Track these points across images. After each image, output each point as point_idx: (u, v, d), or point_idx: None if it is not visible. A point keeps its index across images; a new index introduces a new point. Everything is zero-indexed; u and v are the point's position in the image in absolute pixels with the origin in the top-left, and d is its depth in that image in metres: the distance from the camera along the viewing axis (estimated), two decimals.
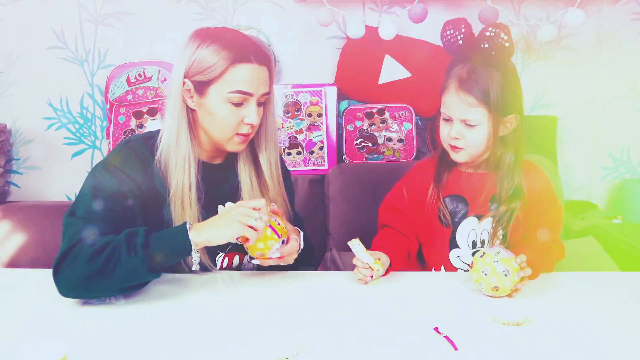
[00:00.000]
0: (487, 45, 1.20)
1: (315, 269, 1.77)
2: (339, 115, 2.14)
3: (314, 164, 2.10)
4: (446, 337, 0.88)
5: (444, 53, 1.26)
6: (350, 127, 2.13)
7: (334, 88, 2.09)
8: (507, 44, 1.19)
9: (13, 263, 1.93)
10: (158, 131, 1.19)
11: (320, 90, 2.08)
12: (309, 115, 2.08)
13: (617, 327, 0.95)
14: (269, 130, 1.23)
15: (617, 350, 0.87)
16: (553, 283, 1.16)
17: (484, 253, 1.08)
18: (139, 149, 1.16)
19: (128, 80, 2.12)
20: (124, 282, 1.01)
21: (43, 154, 2.31)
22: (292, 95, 2.07)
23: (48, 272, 1.18)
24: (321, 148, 2.10)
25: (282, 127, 2.08)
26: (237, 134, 1.15)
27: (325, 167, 2.10)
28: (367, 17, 2.21)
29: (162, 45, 2.24)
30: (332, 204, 1.97)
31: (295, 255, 1.16)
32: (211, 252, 1.19)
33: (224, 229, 1.04)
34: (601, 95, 2.25)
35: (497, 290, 1.05)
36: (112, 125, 2.11)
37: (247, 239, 1.07)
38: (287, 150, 2.09)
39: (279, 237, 1.10)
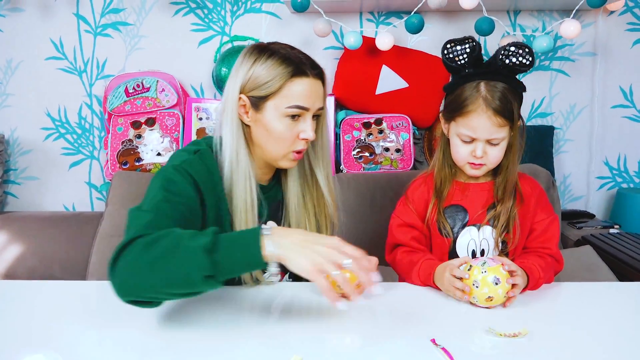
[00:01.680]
0: (508, 62, 1.18)
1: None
2: (336, 125, 2.15)
3: None
4: (443, 349, 0.88)
5: (441, 64, 1.26)
6: (347, 137, 2.13)
7: (332, 98, 2.10)
8: (527, 62, 1.18)
9: (10, 274, 1.93)
10: (212, 139, 1.17)
11: None
12: None
13: (614, 337, 0.95)
14: (324, 145, 1.22)
15: None
16: (550, 293, 1.16)
17: (470, 266, 1.08)
18: (209, 161, 1.14)
19: (126, 90, 2.13)
20: (176, 284, 0.90)
21: (41, 164, 2.32)
22: None
23: (45, 283, 1.19)
24: None
25: None
26: (293, 150, 1.15)
27: None
28: (364, 28, 2.23)
29: (160, 56, 2.26)
30: None
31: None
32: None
33: (299, 261, 0.90)
34: (597, 105, 2.26)
35: (491, 300, 1.05)
36: (110, 136, 2.12)
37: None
38: None
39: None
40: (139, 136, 2.11)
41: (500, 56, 1.17)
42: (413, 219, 1.31)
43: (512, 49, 1.17)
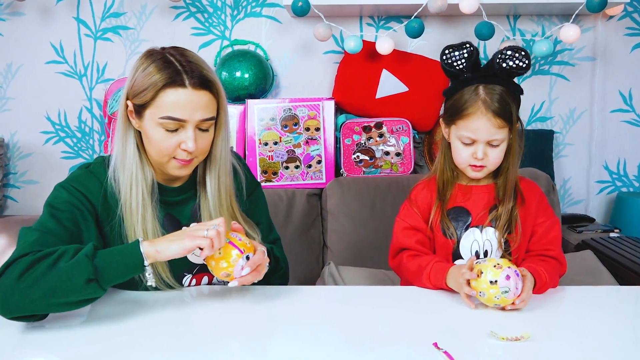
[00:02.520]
0: (505, 66, 1.20)
1: (313, 284, 1.77)
2: (336, 129, 2.15)
3: (312, 178, 2.11)
4: (445, 352, 0.88)
5: (441, 68, 1.27)
6: (348, 141, 2.13)
7: (332, 102, 2.11)
8: (524, 65, 1.20)
9: None
10: None
11: (318, 105, 2.09)
12: (307, 129, 2.09)
13: (615, 341, 0.95)
14: (216, 157, 1.17)
15: None
16: (551, 298, 1.16)
17: (481, 272, 1.08)
18: (97, 171, 1.15)
19: None
20: (58, 293, 0.94)
21: (41, 168, 2.31)
22: (290, 109, 2.08)
23: None
24: (319, 162, 2.10)
25: (281, 141, 2.09)
26: (174, 158, 1.11)
27: (323, 180, 2.10)
28: (364, 32, 2.24)
29: None
30: (330, 217, 1.97)
31: (266, 269, 1.11)
32: (176, 274, 1.17)
33: (174, 243, 1.00)
34: (597, 109, 2.27)
35: (505, 296, 1.05)
36: (110, 140, 2.12)
37: (210, 258, 1.04)
38: (285, 164, 2.09)
39: (242, 252, 1.05)
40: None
41: (498, 60, 1.20)
42: (417, 222, 1.31)
43: (509, 52, 1.20)
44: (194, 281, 1.22)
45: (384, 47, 2.02)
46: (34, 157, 2.31)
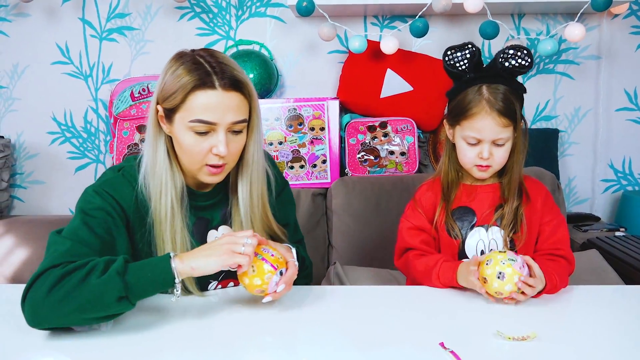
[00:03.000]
0: (507, 65, 1.21)
1: (319, 283, 1.77)
2: (341, 128, 2.16)
3: (316, 178, 2.11)
4: (452, 352, 0.88)
5: None
6: (352, 141, 2.14)
7: (336, 102, 2.11)
8: (526, 63, 1.21)
9: (17, 278, 1.93)
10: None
11: (323, 104, 2.10)
12: (312, 129, 2.10)
13: (621, 340, 0.95)
14: (247, 161, 1.14)
15: None
16: (558, 297, 1.16)
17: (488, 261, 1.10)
18: (134, 179, 1.11)
19: (132, 95, 2.14)
20: (89, 308, 0.92)
21: (47, 168, 2.33)
22: (294, 109, 2.09)
23: None
24: (324, 161, 2.11)
25: (285, 140, 2.09)
26: (206, 164, 1.08)
27: (328, 180, 2.11)
28: (368, 32, 2.24)
29: (165, 60, 2.25)
30: (335, 217, 1.98)
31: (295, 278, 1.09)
32: (202, 281, 1.14)
33: (211, 259, 0.98)
34: (602, 108, 2.26)
35: (501, 295, 1.07)
36: (115, 140, 2.13)
37: (243, 275, 1.03)
38: (290, 164, 2.10)
39: (275, 269, 1.03)
40: (144, 140, 2.11)
41: (500, 59, 1.21)
42: (422, 222, 1.32)
43: (511, 51, 1.20)
44: (219, 287, 1.21)
45: (389, 46, 2.02)
46: (40, 158, 2.32)
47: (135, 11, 2.25)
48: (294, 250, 1.14)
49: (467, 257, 1.29)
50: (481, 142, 1.22)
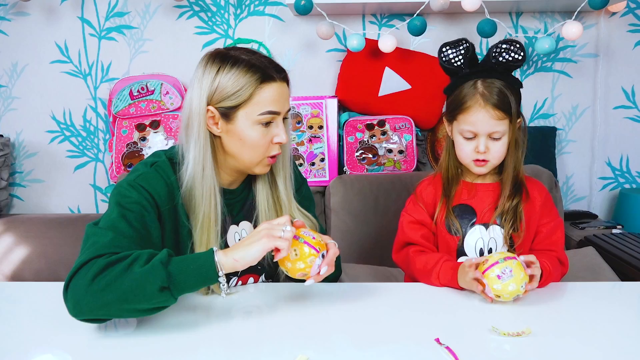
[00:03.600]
0: (501, 59, 1.22)
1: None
2: (339, 127, 2.16)
3: (315, 176, 2.12)
4: (447, 348, 0.89)
5: None
6: (350, 139, 2.14)
7: (335, 100, 2.12)
8: (519, 57, 1.22)
9: (16, 276, 1.94)
10: (174, 150, 1.16)
11: (321, 103, 2.10)
12: (310, 127, 2.10)
13: (617, 337, 0.96)
14: (286, 147, 1.21)
15: None
16: (553, 293, 1.17)
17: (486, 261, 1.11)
18: (167, 174, 1.12)
19: (131, 93, 2.14)
20: (131, 298, 0.92)
21: (46, 166, 2.33)
22: (293, 107, 2.09)
23: (52, 285, 1.20)
24: (322, 160, 2.11)
25: None
26: (267, 156, 1.14)
27: (327, 178, 2.11)
28: (367, 30, 2.24)
29: (164, 58, 2.27)
30: (333, 215, 1.98)
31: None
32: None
33: (252, 247, 0.98)
34: (599, 106, 2.27)
35: (499, 296, 1.08)
36: (114, 138, 2.13)
37: (285, 259, 1.03)
38: None
39: (318, 251, 1.03)
40: (143, 139, 2.12)
41: (493, 54, 1.23)
42: (423, 216, 1.33)
43: (504, 46, 1.22)
44: (239, 283, 1.23)
45: (387, 45, 2.03)
46: (40, 156, 2.33)
47: (134, 10, 2.26)
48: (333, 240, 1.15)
49: (466, 255, 1.29)
50: (477, 135, 1.23)
